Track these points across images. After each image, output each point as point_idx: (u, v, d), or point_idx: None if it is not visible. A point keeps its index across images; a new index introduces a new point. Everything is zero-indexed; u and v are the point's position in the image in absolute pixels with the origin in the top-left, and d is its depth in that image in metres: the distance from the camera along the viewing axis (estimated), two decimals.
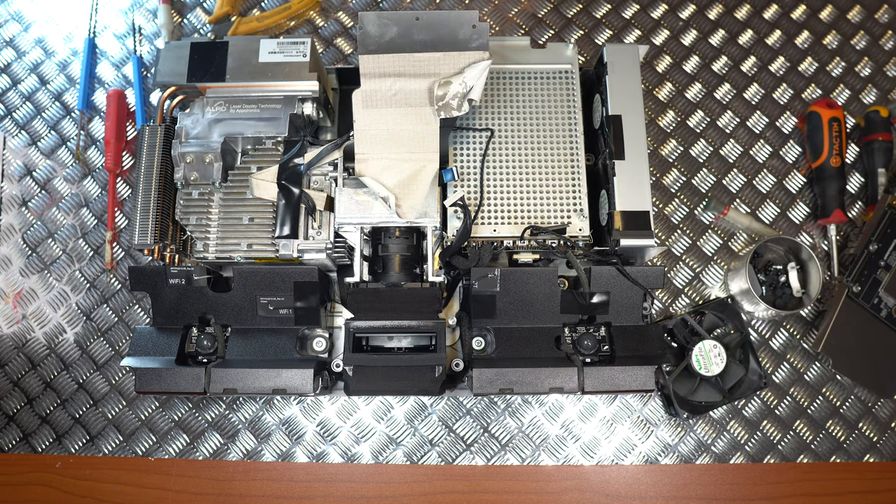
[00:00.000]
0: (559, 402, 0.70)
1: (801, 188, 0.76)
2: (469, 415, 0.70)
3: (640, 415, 0.70)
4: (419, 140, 0.61)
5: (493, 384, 0.56)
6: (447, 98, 0.52)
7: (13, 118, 0.79)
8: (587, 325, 0.61)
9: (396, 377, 0.57)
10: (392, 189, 0.60)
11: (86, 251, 0.74)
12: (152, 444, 0.69)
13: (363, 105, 0.60)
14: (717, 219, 0.75)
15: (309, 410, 0.70)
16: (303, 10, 0.81)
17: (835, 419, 0.70)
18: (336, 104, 0.73)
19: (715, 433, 0.69)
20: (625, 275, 0.60)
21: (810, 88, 0.79)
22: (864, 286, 0.70)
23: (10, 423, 0.70)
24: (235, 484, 0.68)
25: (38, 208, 0.76)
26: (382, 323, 0.59)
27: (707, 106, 0.78)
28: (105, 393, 0.70)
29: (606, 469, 0.69)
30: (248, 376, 0.56)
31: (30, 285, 0.73)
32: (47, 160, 0.77)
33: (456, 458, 0.69)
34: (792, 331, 0.72)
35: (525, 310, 0.60)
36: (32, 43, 0.81)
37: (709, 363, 0.65)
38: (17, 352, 0.72)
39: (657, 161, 0.77)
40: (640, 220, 0.61)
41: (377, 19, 0.60)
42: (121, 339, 0.72)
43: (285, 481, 0.68)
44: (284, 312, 0.60)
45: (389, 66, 0.59)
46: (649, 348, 0.59)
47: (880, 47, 0.80)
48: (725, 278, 0.74)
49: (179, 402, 0.70)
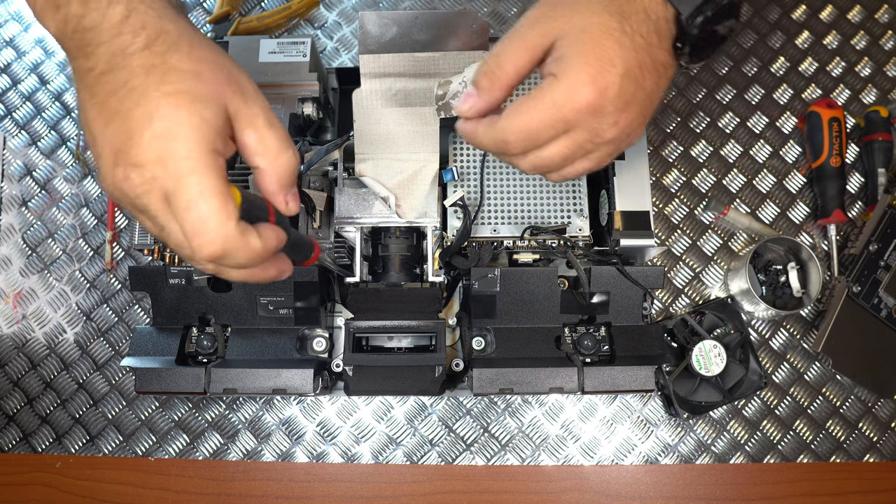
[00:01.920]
0: (559, 402, 0.70)
1: (801, 188, 0.76)
2: (469, 415, 0.70)
3: (640, 415, 0.70)
4: (419, 140, 0.61)
5: (493, 384, 0.56)
6: (447, 98, 0.52)
7: (13, 118, 0.79)
8: (587, 325, 0.61)
9: (396, 377, 0.57)
10: (392, 189, 0.60)
11: (86, 251, 0.74)
12: (152, 444, 0.69)
13: (363, 105, 0.60)
14: (717, 219, 0.75)
15: (309, 410, 0.70)
16: (303, 9, 0.81)
17: (835, 419, 0.70)
18: (336, 104, 0.73)
19: (715, 433, 0.69)
20: (625, 275, 0.60)
21: (810, 88, 0.79)
22: (864, 286, 0.70)
23: (10, 423, 0.70)
24: (235, 484, 0.68)
25: (38, 208, 0.76)
26: (382, 323, 0.59)
27: (707, 106, 0.78)
28: (105, 393, 0.70)
29: (606, 469, 0.69)
30: (249, 376, 0.56)
31: (30, 285, 0.73)
32: (47, 160, 0.77)
33: (456, 458, 0.69)
34: (792, 331, 0.72)
35: (525, 310, 0.60)
36: (32, 43, 0.81)
37: (709, 363, 0.65)
38: (17, 352, 0.72)
39: (657, 161, 0.77)
40: (640, 220, 0.61)
41: (377, 19, 0.60)
42: (121, 339, 0.72)
43: (285, 481, 0.68)
44: (284, 312, 0.60)
45: (389, 65, 0.59)
46: (649, 348, 0.59)
47: (880, 47, 0.80)
48: (725, 278, 0.74)
49: (179, 402, 0.70)
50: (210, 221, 0.36)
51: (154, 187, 0.37)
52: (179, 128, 0.37)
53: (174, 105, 0.37)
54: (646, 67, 0.42)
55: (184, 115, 0.37)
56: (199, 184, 0.36)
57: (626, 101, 0.41)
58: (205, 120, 0.37)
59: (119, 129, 0.37)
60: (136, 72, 0.37)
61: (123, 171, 0.37)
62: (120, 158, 0.37)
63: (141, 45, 0.38)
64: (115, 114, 0.37)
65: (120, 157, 0.37)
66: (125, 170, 0.37)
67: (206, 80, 0.38)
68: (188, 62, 0.38)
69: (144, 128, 0.36)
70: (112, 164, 0.37)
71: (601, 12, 0.41)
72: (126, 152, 0.37)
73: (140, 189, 0.37)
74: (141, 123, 0.36)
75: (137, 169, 0.37)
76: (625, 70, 0.41)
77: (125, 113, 0.37)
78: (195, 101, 0.37)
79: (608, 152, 0.45)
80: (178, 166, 0.36)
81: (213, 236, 0.37)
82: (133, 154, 0.36)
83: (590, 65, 0.40)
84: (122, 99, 0.37)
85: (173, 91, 0.37)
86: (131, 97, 0.37)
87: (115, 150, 0.37)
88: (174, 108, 0.37)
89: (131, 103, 0.37)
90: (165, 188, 0.36)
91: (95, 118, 0.38)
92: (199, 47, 0.40)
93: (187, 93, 0.37)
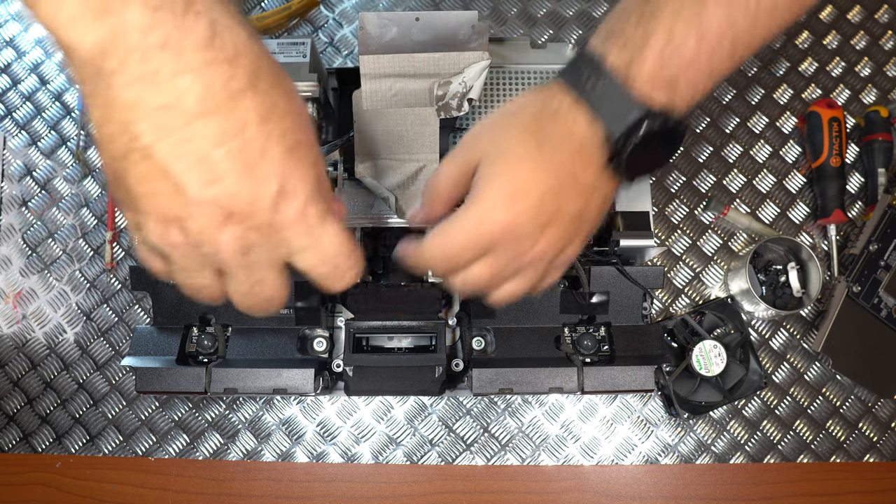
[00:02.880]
0: (559, 402, 0.70)
1: (801, 188, 0.76)
2: (469, 415, 0.70)
3: (640, 415, 0.70)
4: (419, 140, 0.61)
5: (492, 384, 0.56)
6: (447, 98, 0.52)
7: (13, 118, 0.79)
8: (587, 325, 0.61)
9: (396, 377, 0.57)
10: (392, 189, 0.60)
11: (86, 251, 0.74)
12: (152, 444, 0.69)
13: (363, 106, 0.60)
14: (717, 219, 0.75)
15: (309, 410, 0.70)
16: (303, 10, 0.81)
17: (835, 419, 0.70)
18: (336, 104, 0.73)
19: (715, 433, 0.70)
20: (625, 275, 0.60)
21: (810, 88, 0.79)
22: (864, 286, 0.70)
23: (10, 423, 0.70)
24: (235, 484, 0.68)
25: (38, 208, 0.76)
26: (382, 323, 0.59)
27: (707, 106, 0.78)
28: (105, 393, 0.70)
29: (606, 469, 0.69)
30: (249, 376, 0.56)
31: (30, 285, 0.73)
32: (47, 160, 0.77)
33: (456, 458, 0.69)
34: (792, 331, 0.72)
35: (525, 310, 0.60)
36: (32, 43, 0.81)
37: (709, 363, 0.65)
38: (17, 352, 0.72)
39: None
40: (640, 220, 0.61)
41: (377, 19, 0.60)
42: (121, 339, 0.72)
43: (285, 481, 0.68)
44: (285, 312, 0.60)
45: (389, 66, 0.59)
46: (649, 348, 0.59)
47: (880, 47, 0.80)
48: (725, 278, 0.74)
49: (179, 401, 0.70)
50: (351, 258, 0.37)
51: (281, 247, 0.35)
52: (305, 186, 0.34)
53: (297, 161, 0.33)
54: (567, 190, 0.41)
55: (306, 170, 0.34)
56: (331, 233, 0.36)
57: (544, 224, 0.41)
58: (317, 169, 0.35)
59: (234, 191, 0.32)
60: (249, 119, 0.31)
61: (240, 233, 0.33)
62: (236, 221, 0.33)
63: (244, 83, 0.31)
64: (226, 172, 0.31)
65: (236, 219, 0.33)
66: (244, 231, 0.33)
67: (307, 121, 0.35)
68: (291, 102, 0.34)
69: (271, 192, 0.32)
70: (218, 225, 0.32)
71: (521, 136, 0.41)
72: (247, 217, 0.33)
73: (261, 249, 0.34)
74: (265, 187, 0.32)
75: (262, 232, 0.34)
76: (539, 196, 0.40)
77: (241, 171, 0.32)
78: (310, 150, 0.34)
79: (541, 270, 0.44)
80: (313, 224, 0.35)
81: (358, 268, 0.38)
82: (259, 219, 0.33)
83: (504, 189, 0.40)
84: (235, 154, 0.31)
85: (293, 145, 0.33)
86: (249, 153, 0.32)
87: (227, 213, 0.32)
88: (297, 165, 0.33)
89: (251, 161, 0.32)
90: (291, 247, 0.35)
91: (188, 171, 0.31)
92: (286, 78, 0.35)
93: (304, 144, 0.34)
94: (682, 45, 0.38)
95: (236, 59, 0.30)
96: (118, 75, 0.29)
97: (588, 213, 0.43)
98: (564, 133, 0.40)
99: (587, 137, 0.40)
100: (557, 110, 0.41)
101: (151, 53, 0.28)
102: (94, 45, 0.28)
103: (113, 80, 0.29)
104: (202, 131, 0.30)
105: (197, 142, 0.30)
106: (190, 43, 0.29)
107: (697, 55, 0.38)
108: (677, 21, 0.38)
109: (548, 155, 0.40)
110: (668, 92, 0.39)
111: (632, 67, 0.39)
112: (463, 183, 0.44)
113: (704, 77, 0.40)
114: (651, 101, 0.39)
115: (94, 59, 0.28)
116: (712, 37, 0.38)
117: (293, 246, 0.35)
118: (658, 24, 0.38)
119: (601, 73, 0.39)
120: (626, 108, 0.39)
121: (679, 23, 0.38)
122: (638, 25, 0.39)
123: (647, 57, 0.38)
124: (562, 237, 0.43)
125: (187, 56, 0.29)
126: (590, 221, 0.44)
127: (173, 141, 0.30)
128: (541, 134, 0.40)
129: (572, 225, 0.42)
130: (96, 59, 0.28)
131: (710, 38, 0.38)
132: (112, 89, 0.29)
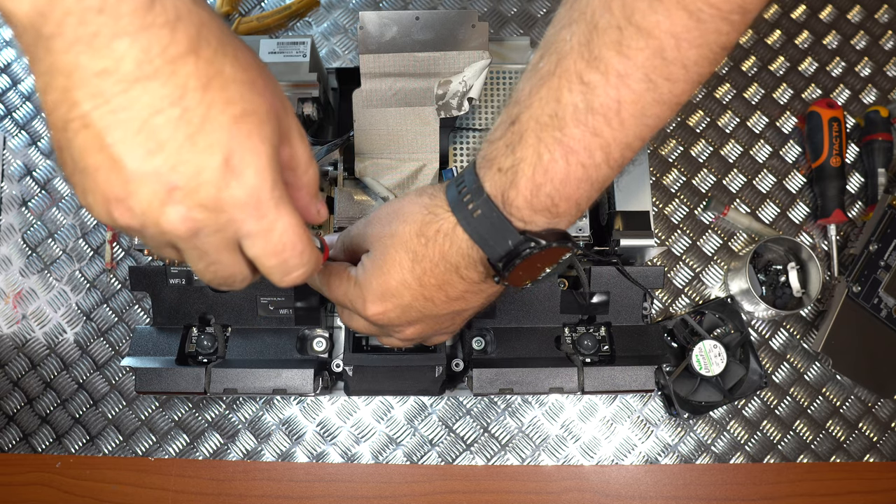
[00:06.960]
0: (559, 402, 0.70)
1: (801, 188, 0.76)
2: (469, 415, 0.70)
3: (640, 415, 0.70)
4: (419, 139, 0.61)
5: (493, 384, 0.56)
6: (447, 97, 0.53)
7: (13, 118, 0.79)
8: (587, 325, 0.61)
9: (396, 377, 0.57)
10: (392, 189, 0.60)
11: (86, 251, 0.74)
12: (152, 444, 0.69)
13: (363, 105, 0.60)
14: (717, 219, 0.75)
15: (309, 410, 0.70)
16: (303, 10, 0.81)
17: (835, 419, 0.70)
18: (336, 104, 0.73)
19: (715, 433, 0.70)
20: (625, 275, 0.60)
21: (810, 88, 0.79)
22: (864, 286, 0.70)
23: (10, 423, 0.70)
24: (235, 484, 0.68)
25: (38, 208, 0.76)
26: None
27: (707, 106, 0.78)
28: (105, 393, 0.70)
29: (606, 469, 0.69)
30: (249, 376, 0.56)
31: (30, 285, 0.73)
32: (47, 160, 0.77)
33: (456, 458, 0.69)
34: (792, 331, 0.72)
35: (525, 310, 0.60)
36: None
37: (709, 363, 0.65)
38: (17, 352, 0.72)
39: (657, 161, 0.77)
40: (640, 220, 0.61)
41: (377, 19, 0.60)
42: (121, 339, 0.72)
43: (285, 481, 0.68)
44: (284, 312, 0.60)
45: (389, 65, 0.59)
46: (649, 348, 0.59)
47: (880, 47, 0.80)
48: (725, 278, 0.74)
49: (179, 402, 0.70)
50: (303, 255, 0.35)
51: (228, 229, 0.32)
52: (256, 161, 0.31)
53: (246, 133, 0.31)
54: (436, 300, 0.43)
55: (256, 144, 0.31)
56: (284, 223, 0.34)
57: (411, 321, 0.45)
58: (273, 146, 0.33)
59: (174, 162, 0.30)
60: (189, 86, 0.29)
61: (185, 212, 0.31)
62: (179, 197, 0.30)
63: (184, 47, 0.29)
64: (165, 140, 0.29)
65: (179, 195, 0.30)
66: (188, 210, 0.31)
67: (261, 92, 0.32)
68: (240, 70, 0.32)
69: (215, 164, 0.30)
70: (161, 203, 0.30)
71: (398, 252, 0.42)
72: (191, 192, 0.30)
73: (208, 230, 0.32)
74: (209, 158, 0.30)
75: (208, 211, 0.31)
76: (405, 303, 0.43)
77: (182, 141, 0.30)
78: (263, 123, 0.32)
79: (419, 333, 0.47)
80: (264, 208, 0.32)
81: (307, 268, 0.36)
82: (203, 195, 0.31)
83: (379, 288, 0.43)
84: (174, 122, 0.29)
85: (240, 114, 0.31)
86: (189, 121, 0.30)
87: (169, 188, 0.30)
88: (246, 137, 0.31)
89: (191, 129, 0.30)
90: (240, 231, 0.33)
91: (126, 140, 0.29)
92: (239, 47, 0.32)
93: (254, 114, 0.32)
94: (550, 167, 0.37)
95: (177, 24, 0.29)
96: (56, 39, 0.28)
97: (464, 312, 0.46)
98: (440, 255, 0.41)
99: (468, 257, 0.41)
100: (437, 231, 0.41)
101: (89, 16, 0.27)
102: (32, 9, 0.27)
103: (51, 44, 0.28)
104: (140, 98, 0.29)
105: (134, 109, 0.29)
106: (128, 6, 0.28)
107: (568, 172, 0.37)
108: (540, 143, 0.37)
109: (418, 274, 0.42)
110: (548, 214, 0.39)
111: (508, 195, 0.38)
112: (356, 256, 0.47)
113: (585, 189, 0.39)
114: (532, 225, 0.39)
115: (34, 23, 0.28)
116: (580, 151, 0.37)
117: (241, 230, 0.33)
118: (525, 149, 0.38)
119: (481, 199, 0.39)
120: (504, 235, 0.39)
121: (542, 145, 0.37)
122: (507, 153, 0.39)
123: (520, 184, 0.38)
124: (432, 329, 0.47)
125: (125, 20, 0.28)
126: (467, 314, 0.47)
127: (110, 108, 0.29)
128: (417, 253, 0.41)
129: (442, 322, 0.46)
130: (35, 24, 0.28)
131: (577, 152, 0.37)
132: (51, 54, 0.28)
